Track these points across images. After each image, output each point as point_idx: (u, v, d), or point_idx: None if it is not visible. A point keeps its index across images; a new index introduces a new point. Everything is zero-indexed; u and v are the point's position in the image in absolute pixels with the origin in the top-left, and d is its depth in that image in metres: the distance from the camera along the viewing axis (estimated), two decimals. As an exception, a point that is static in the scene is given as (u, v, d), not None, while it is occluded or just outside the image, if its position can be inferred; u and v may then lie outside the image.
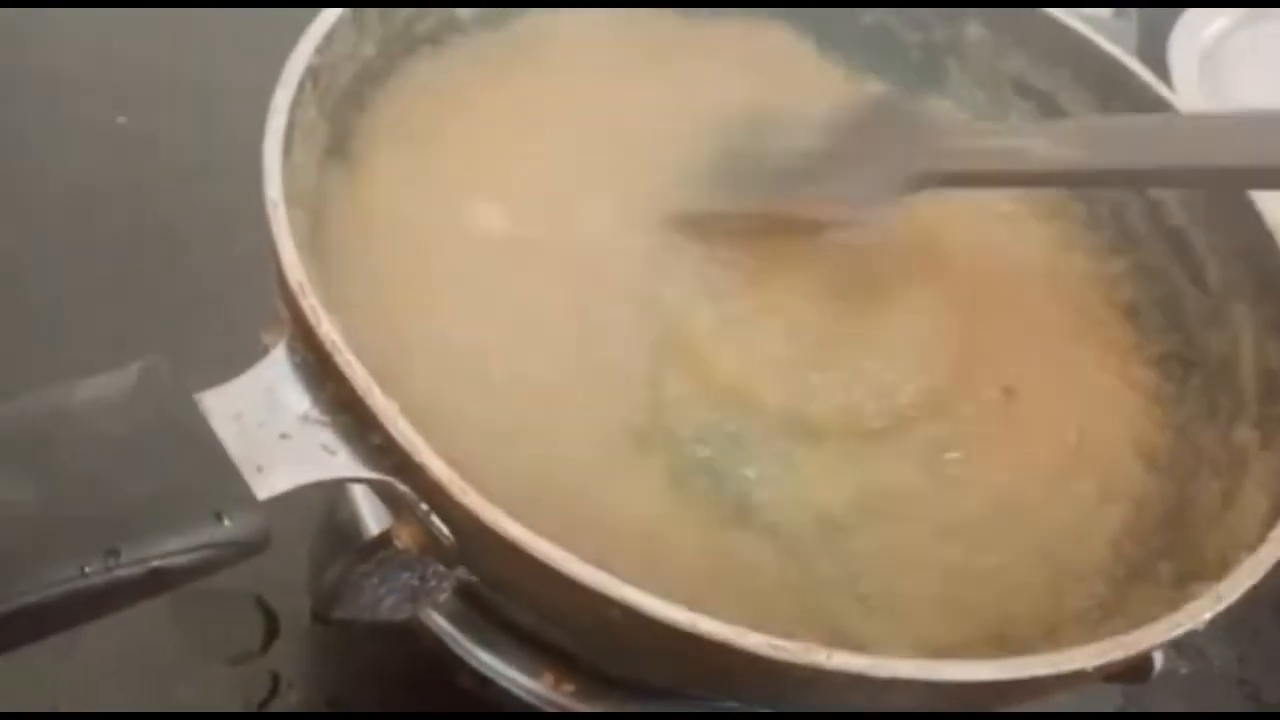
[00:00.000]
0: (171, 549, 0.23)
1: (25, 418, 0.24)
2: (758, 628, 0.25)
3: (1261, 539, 0.30)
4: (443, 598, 0.38)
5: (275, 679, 0.39)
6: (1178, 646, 0.44)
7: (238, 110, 0.33)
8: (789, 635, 0.25)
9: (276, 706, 0.39)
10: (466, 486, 0.26)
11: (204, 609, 0.40)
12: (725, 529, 0.33)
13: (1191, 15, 0.64)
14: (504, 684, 0.39)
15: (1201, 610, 0.28)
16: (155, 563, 0.23)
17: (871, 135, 0.40)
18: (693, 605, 0.25)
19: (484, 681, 0.39)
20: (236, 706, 0.38)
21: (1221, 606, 0.28)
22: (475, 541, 0.27)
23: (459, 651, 0.40)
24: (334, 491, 0.42)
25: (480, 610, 0.40)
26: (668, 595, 0.25)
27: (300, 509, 0.41)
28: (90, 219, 0.51)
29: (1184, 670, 0.45)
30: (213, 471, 0.25)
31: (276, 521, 0.28)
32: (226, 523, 0.24)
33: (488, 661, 0.39)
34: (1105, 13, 0.77)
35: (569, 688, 0.39)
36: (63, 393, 0.25)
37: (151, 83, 0.57)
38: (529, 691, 0.39)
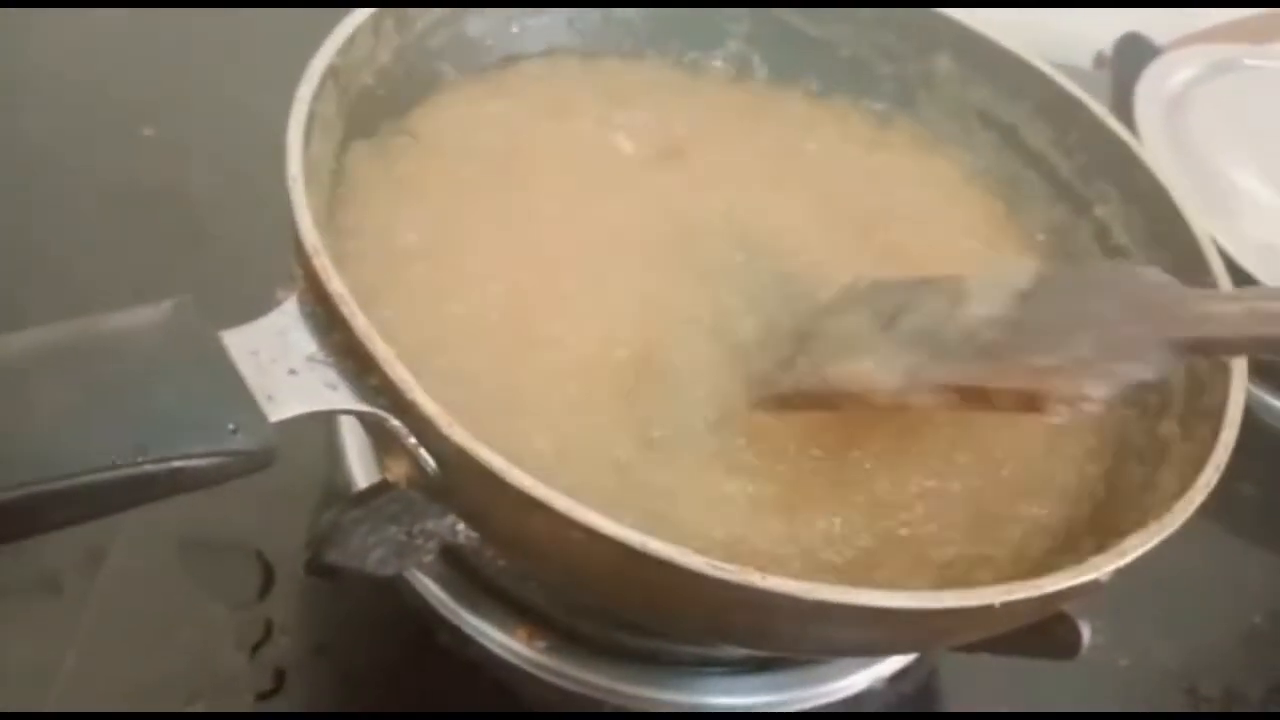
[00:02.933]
0: (191, 452, 0.27)
1: (72, 333, 0.27)
2: (699, 550, 0.28)
3: (1168, 510, 0.33)
4: (428, 559, 0.42)
5: (269, 625, 0.42)
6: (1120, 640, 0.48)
7: (262, 115, 0.37)
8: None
9: (269, 650, 0.42)
10: (452, 421, 0.30)
11: (209, 559, 0.44)
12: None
13: (1159, 64, 0.68)
14: (481, 640, 0.42)
15: (1103, 564, 0.31)
16: (176, 463, 0.27)
17: (1081, 301, 0.36)
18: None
19: (463, 639, 0.43)
20: (233, 648, 0.41)
21: (1122, 562, 0.31)
22: (457, 471, 0.30)
23: (441, 610, 0.43)
24: (332, 462, 0.46)
25: (462, 573, 0.43)
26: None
27: (302, 471, 0.45)
28: (122, 216, 0.55)
29: (1124, 662, 0.48)
30: (230, 394, 0.29)
31: (278, 481, 0.31)
32: (240, 436, 0.28)
33: (467, 619, 0.43)
34: (1085, 63, 0.82)
35: (541, 643, 0.42)
36: (105, 318, 0.28)
37: (178, 91, 0.61)
38: (504, 647, 0.42)
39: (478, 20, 0.47)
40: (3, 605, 0.42)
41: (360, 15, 0.41)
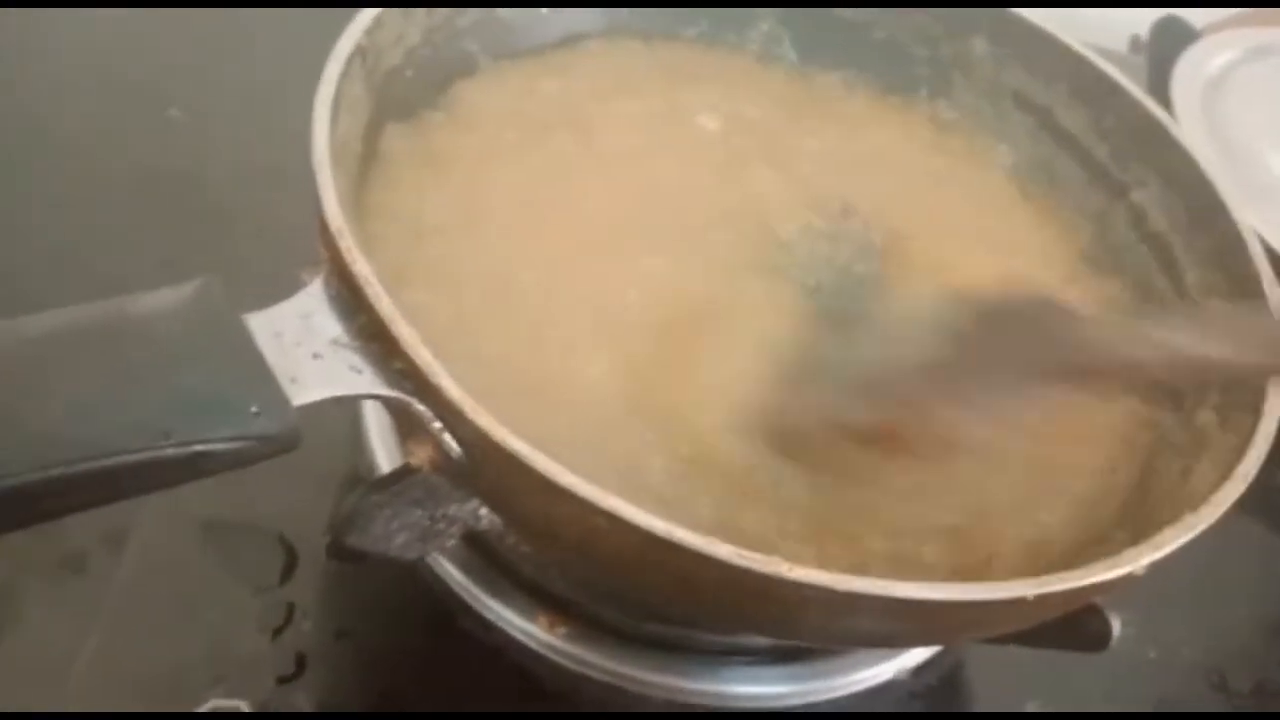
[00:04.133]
0: (214, 436, 0.27)
1: (95, 316, 0.27)
2: (726, 539, 0.27)
3: (1206, 501, 0.32)
4: (450, 544, 0.41)
5: (291, 608, 0.42)
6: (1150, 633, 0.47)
7: (288, 96, 0.36)
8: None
9: (290, 634, 0.42)
10: (478, 406, 0.29)
11: (233, 542, 0.44)
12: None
13: (1196, 48, 0.67)
14: (502, 626, 0.42)
15: (1139, 556, 0.30)
16: (199, 446, 0.26)
17: (997, 334, 0.36)
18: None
19: (484, 624, 0.42)
20: (255, 630, 0.41)
21: (1159, 554, 0.30)
22: (482, 455, 0.30)
23: (463, 595, 0.43)
24: (355, 446, 0.45)
25: (484, 558, 0.43)
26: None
27: (325, 455, 0.45)
28: (148, 197, 0.55)
29: (1152, 654, 0.47)
30: (253, 377, 0.28)
31: (301, 465, 0.31)
32: (263, 420, 0.28)
33: (489, 604, 0.42)
34: (1121, 47, 0.80)
35: (561, 630, 0.42)
36: (129, 300, 0.28)
37: (201, 80, 0.61)
38: (524, 633, 0.42)
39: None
40: (29, 584, 0.42)
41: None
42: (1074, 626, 0.37)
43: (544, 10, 0.48)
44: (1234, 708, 0.47)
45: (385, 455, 0.44)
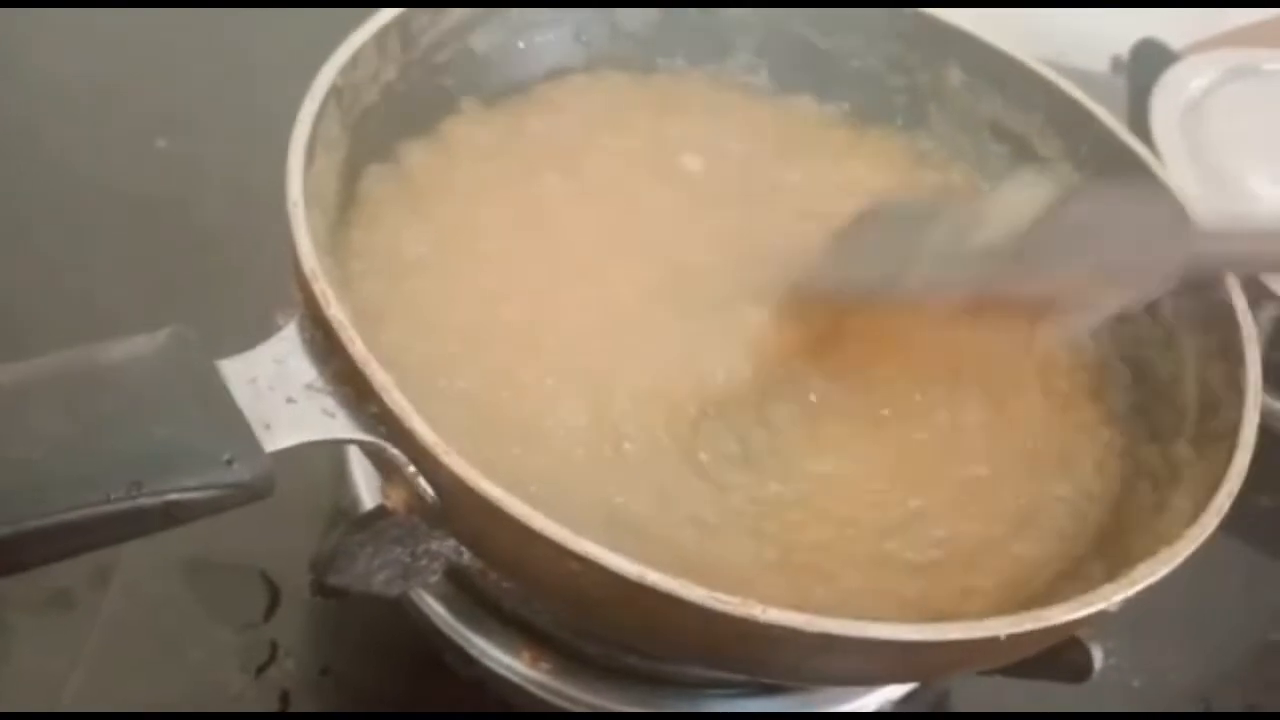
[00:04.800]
0: (186, 485, 0.27)
1: (69, 365, 0.27)
2: (700, 583, 0.28)
3: (1180, 536, 0.32)
4: (433, 579, 0.42)
5: (274, 647, 0.42)
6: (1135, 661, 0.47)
7: (273, 128, 0.37)
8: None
9: (274, 672, 0.42)
10: (449, 449, 0.29)
11: (215, 580, 0.44)
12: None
13: (1175, 70, 0.67)
14: (486, 662, 0.42)
15: (1112, 593, 0.30)
16: (172, 496, 0.26)
17: (1092, 227, 0.38)
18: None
19: (468, 659, 0.42)
20: (237, 669, 0.41)
21: (1132, 591, 0.31)
22: (456, 499, 0.30)
23: (447, 631, 0.43)
24: (338, 484, 0.45)
25: (467, 593, 0.43)
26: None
27: (307, 494, 0.45)
28: (131, 226, 0.55)
29: (1137, 683, 0.47)
30: (226, 425, 0.29)
31: (284, 504, 0.31)
32: (236, 468, 0.28)
33: (473, 640, 0.42)
34: (1103, 68, 0.81)
35: (545, 665, 0.42)
36: (102, 349, 0.28)
37: (192, 103, 0.61)
38: (508, 669, 0.42)
39: (483, 37, 0.47)
40: (16, 620, 0.42)
41: (363, 34, 0.41)
42: (1056, 659, 0.37)
43: (521, 44, 0.48)
44: (1220, 731, 0.47)
45: (368, 491, 0.44)
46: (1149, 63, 0.70)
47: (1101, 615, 0.30)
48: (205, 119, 0.61)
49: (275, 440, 0.29)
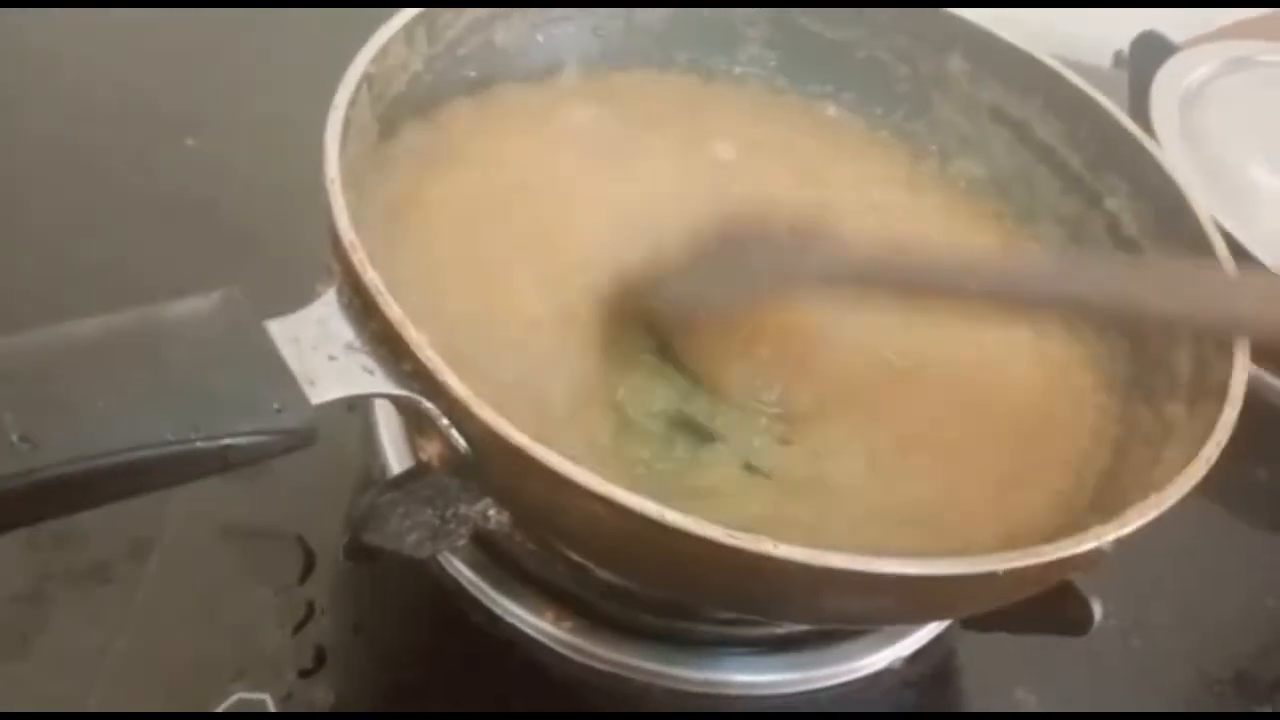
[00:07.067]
0: (239, 430, 0.29)
1: (137, 320, 0.30)
2: (714, 520, 0.30)
3: (1170, 482, 0.34)
4: (460, 543, 0.44)
5: (310, 606, 0.44)
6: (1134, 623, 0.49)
7: (297, 125, 0.39)
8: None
9: (310, 629, 0.44)
10: (482, 402, 0.32)
11: (252, 546, 0.46)
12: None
13: (1174, 61, 0.69)
14: (510, 620, 0.44)
15: (1105, 533, 0.32)
16: (225, 440, 0.29)
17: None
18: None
19: (492, 618, 0.44)
20: (276, 626, 0.44)
21: (1124, 531, 0.32)
22: (488, 449, 0.32)
23: (473, 591, 0.45)
24: (369, 456, 0.48)
25: (492, 557, 0.45)
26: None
27: (339, 461, 0.48)
28: (170, 222, 0.57)
29: (1136, 643, 0.49)
30: (275, 378, 0.31)
31: (317, 471, 0.33)
32: (284, 416, 0.30)
33: (498, 600, 0.44)
34: (1105, 63, 0.83)
35: (567, 624, 0.44)
36: (161, 307, 0.31)
37: (217, 103, 0.63)
38: (532, 627, 0.44)
39: (504, 32, 0.49)
40: (56, 593, 0.44)
41: (391, 27, 0.43)
42: (1056, 611, 0.39)
43: (540, 38, 0.50)
44: (1215, 694, 0.49)
45: (396, 458, 0.46)
46: (1149, 54, 0.71)
47: (1096, 555, 0.32)
48: (233, 118, 0.63)
49: (320, 393, 0.31)
